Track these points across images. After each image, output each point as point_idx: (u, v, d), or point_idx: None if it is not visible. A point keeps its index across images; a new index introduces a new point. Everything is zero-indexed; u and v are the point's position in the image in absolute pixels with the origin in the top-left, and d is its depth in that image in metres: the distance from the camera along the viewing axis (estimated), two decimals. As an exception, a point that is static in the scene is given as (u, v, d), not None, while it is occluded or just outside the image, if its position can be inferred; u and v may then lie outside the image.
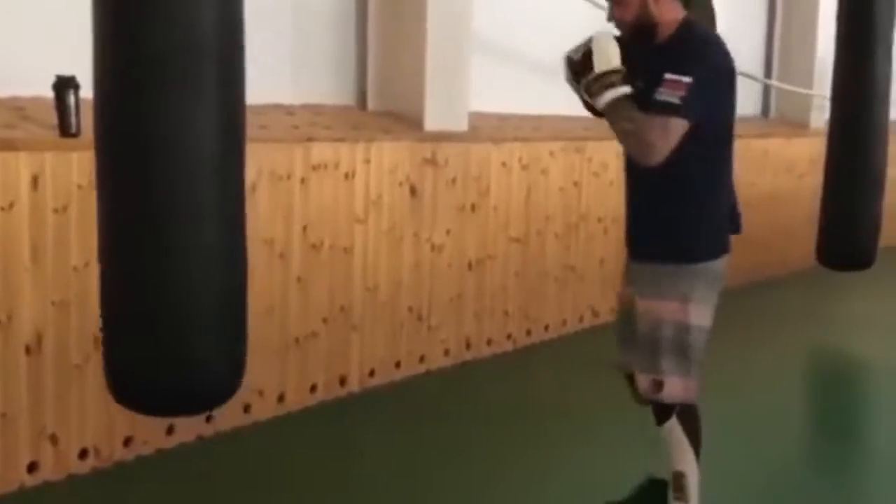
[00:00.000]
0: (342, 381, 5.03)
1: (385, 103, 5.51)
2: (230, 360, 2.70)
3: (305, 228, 4.72)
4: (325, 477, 4.08)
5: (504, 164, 5.88)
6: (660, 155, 3.10)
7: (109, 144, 2.56)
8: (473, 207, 5.68)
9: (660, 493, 3.55)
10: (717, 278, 3.34)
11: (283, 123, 4.81)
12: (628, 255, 3.48)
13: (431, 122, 5.46)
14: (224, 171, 2.58)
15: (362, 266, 5.05)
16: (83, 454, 3.92)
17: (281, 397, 4.71)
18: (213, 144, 2.52)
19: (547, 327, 6.33)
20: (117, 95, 2.52)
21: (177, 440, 4.23)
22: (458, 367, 5.65)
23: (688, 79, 3.07)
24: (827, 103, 7.01)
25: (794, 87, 9.05)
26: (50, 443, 3.81)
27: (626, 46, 3.25)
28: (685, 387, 3.32)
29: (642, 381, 3.35)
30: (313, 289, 4.79)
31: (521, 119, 6.27)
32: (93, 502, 3.80)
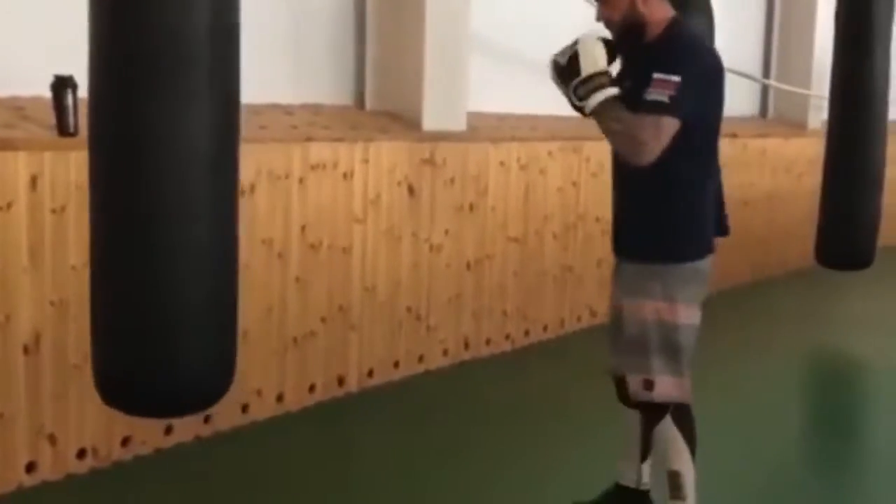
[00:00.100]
0: (341, 381, 5.03)
1: (383, 103, 5.51)
2: (220, 361, 2.69)
3: (304, 228, 4.72)
4: (324, 477, 4.08)
5: (502, 163, 5.88)
6: (652, 154, 3.09)
7: (102, 144, 2.56)
8: (472, 207, 5.68)
9: (627, 499, 3.58)
10: (704, 277, 3.34)
11: (281, 123, 4.81)
12: (614, 254, 3.48)
13: (430, 121, 5.46)
14: (217, 171, 2.57)
15: (361, 266, 5.05)
16: (81, 454, 3.92)
17: (279, 397, 4.70)
18: (205, 144, 2.52)
19: (545, 327, 6.34)
20: (110, 94, 2.52)
21: (175, 440, 4.23)
22: (457, 366, 5.65)
23: (677, 78, 3.07)
24: (825, 103, 7.02)
25: (793, 87, 9.06)
26: (48, 443, 3.81)
27: (615, 46, 3.26)
28: (678, 385, 3.31)
29: (633, 382, 3.33)
30: (312, 289, 4.79)
31: (520, 119, 6.27)
32: (91, 502, 3.80)
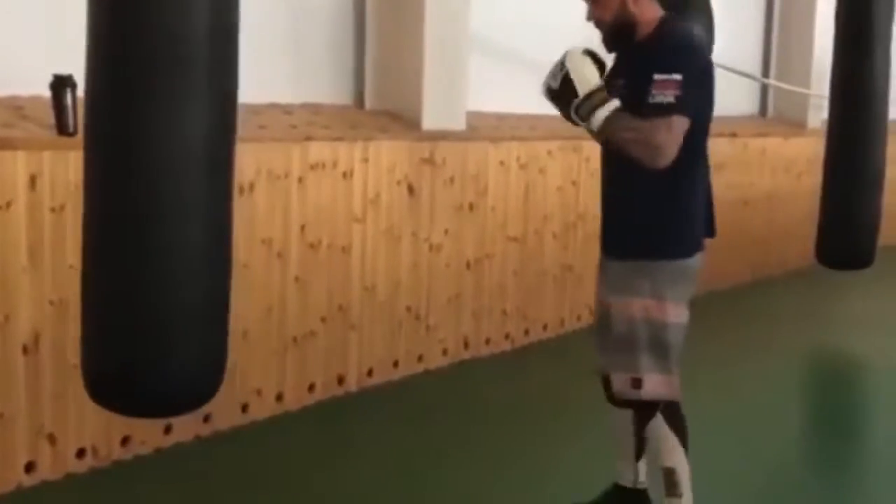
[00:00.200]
0: (340, 380, 5.03)
1: (383, 102, 5.51)
2: (211, 361, 2.68)
3: (303, 228, 4.72)
4: (324, 476, 4.08)
5: (502, 163, 5.88)
6: (670, 156, 3.12)
7: (98, 143, 2.56)
8: (471, 207, 5.68)
9: (625, 499, 3.57)
10: (692, 275, 3.34)
11: (281, 123, 4.81)
12: (602, 253, 3.47)
13: (429, 121, 5.45)
14: (213, 171, 2.56)
15: (360, 265, 5.04)
16: (81, 454, 3.92)
17: (279, 397, 4.70)
18: (202, 144, 2.51)
19: (545, 327, 6.33)
20: (107, 94, 2.51)
21: (174, 439, 4.23)
22: (457, 366, 5.65)
23: (678, 76, 3.09)
24: (825, 102, 7.01)
25: (792, 86, 9.05)
26: (48, 442, 3.81)
27: (608, 44, 3.30)
28: (667, 383, 3.31)
29: (619, 381, 3.34)
30: (311, 288, 4.79)
31: (519, 118, 6.26)
32: (91, 502, 3.79)
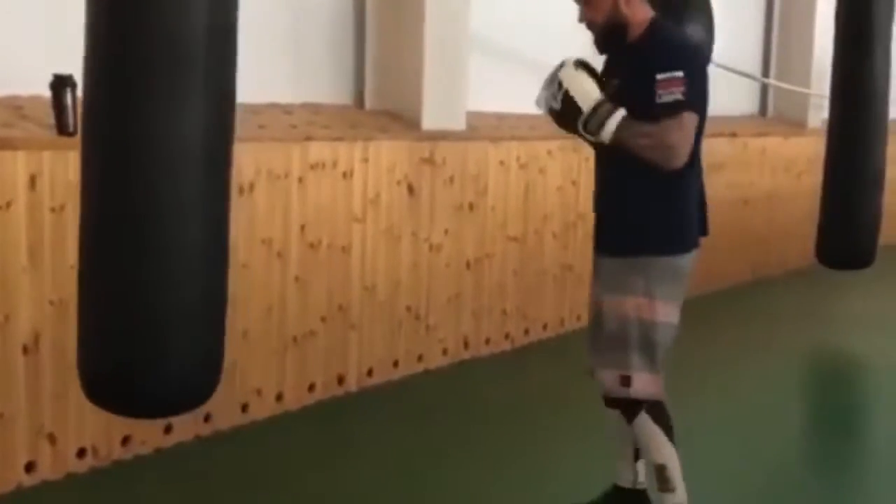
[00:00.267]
0: (340, 380, 5.02)
1: (383, 102, 5.51)
2: (208, 361, 2.68)
3: (303, 228, 4.72)
4: (324, 476, 4.08)
5: (502, 163, 5.88)
6: (685, 155, 3.16)
7: (96, 143, 2.56)
8: (471, 206, 5.68)
9: (624, 500, 3.57)
10: (684, 275, 3.36)
11: (281, 122, 4.81)
12: (596, 252, 3.48)
13: (429, 121, 5.45)
14: (210, 171, 2.56)
15: (360, 265, 5.04)
16: (81, 453, 3.92)
17: (279, 396, 4.70)
18: (199, 144, 2.51)
19: (545, 326, 6.33)
20: (105, 94, 2.51)
21: (175, 439, 4.23)
22: (456, 366, 5.65)
23: (680, 73, 3.13)
24: (825, 102, 7.01)
25: (792, 86, 9.05)
26: (48, 442, 3.81)
27: (600, 46, 3.33)
28: (654, 382, 3.33)
29: (608, 377, 3.36)
30: (311, 288, 4.79)
31: (519, 118, 6.26)
32: (91, 502, 3.80)
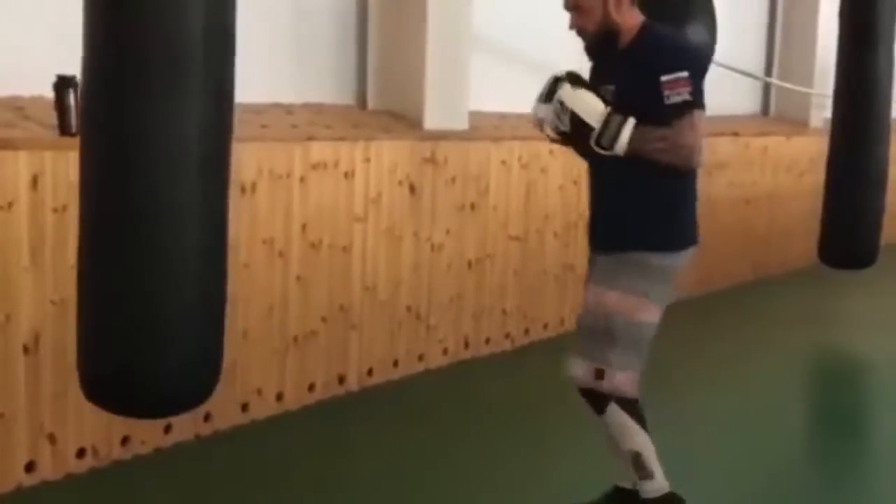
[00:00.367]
0: (341, 380, 5.02)
1: (385, 102, 5.50)
2: (207, 361, 2.68)
3: (305, 227, 4.72)
4: (324, 476, 4.08)
5: (503, 162, 5.87)
6: (699, 153, 3.19)
7: (94, 143, 2.55)
8: (473, 206, 5.67)
9: (625, 501, 3.57)
10: (672, 275, 3.37)
11: (282, 122, 4.81)
12: (590, 249, 3.49)
13: (431, 121, 5.45)
14: (208, 171, 2.55)
15: (361, 265, 5.04)
16: (81, 453, 3.92)
17: (279, 396, 4.70)
18: (197, 145, 2.51)
19: (546, 326, 6.33)
20: (103, 94, 2.51)
21: (175, 439, 4.23)
22: (457, 366, 5.65)
23: (684, 74, 3.15)
24: (827, 102, 7.01)
25: (795, 85, 9.04)
26: (48, 442, 3.81)
27: (592, 53, 3.37)
28: (629, 381, 3.33)
29: (581, 368, 3.36)
30: (312, 288, 4.79)
31: (521, 118, 6.22)
32: (91, 502, 3.80)
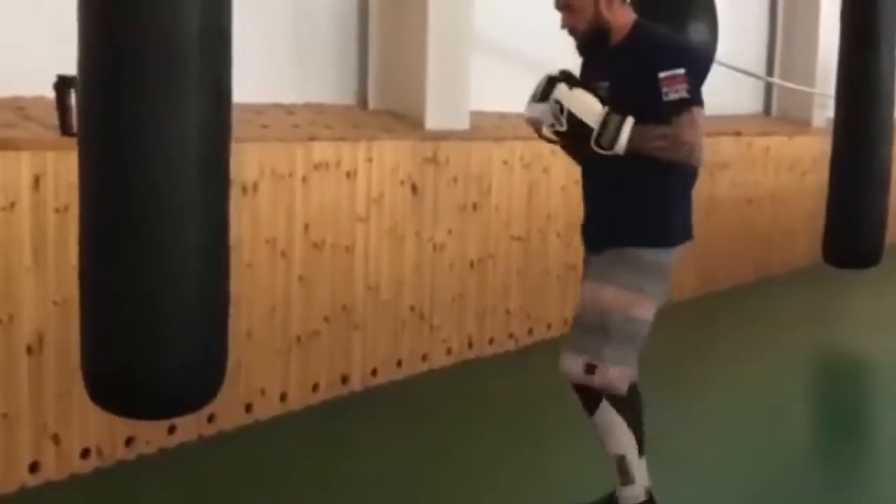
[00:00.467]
0: (344, 380, 5.02)
1: (386, 102, 5.50)
2: (211, 361, 2.68)
3: (307, 227, 4.72)
4: (327, 476, 4.08)
5: (505, 162, 5.87)
6: (700, 148, 3.18)
7: (92, 143, 2.56)
8: (475, 206, 5.67)
9: None
10: (666, 271, 3.37)
11: (284, 122, 4.81)
12: (585, 249, 3.49)
13: (433, 120, 5.45)
14: (207, 171, 2.56)
15: (364, 265, 5.04)
16: (85, 454, 3.92)
17: (283, 396, 4.70)
18: (196, 145, 2.51)
19: (549, 326, 6.32)
20: (100, 95, 2.51)
21: (178, 439, 4.23)
22: (460, 366, 5.65)
23: (681, 71, 3.15)
24: (829, 101, 7.01)
25: (797, 85, 9.04)
26: (52, 442, 3.81)
27: (584, 51, 3.37)
28: (622, 376, 3.32)
29: (574, 363, 3.34)
30: (315, 288, 4.79)
31: (522, 118, 6.21)
32: (95, 502, 3.80)
